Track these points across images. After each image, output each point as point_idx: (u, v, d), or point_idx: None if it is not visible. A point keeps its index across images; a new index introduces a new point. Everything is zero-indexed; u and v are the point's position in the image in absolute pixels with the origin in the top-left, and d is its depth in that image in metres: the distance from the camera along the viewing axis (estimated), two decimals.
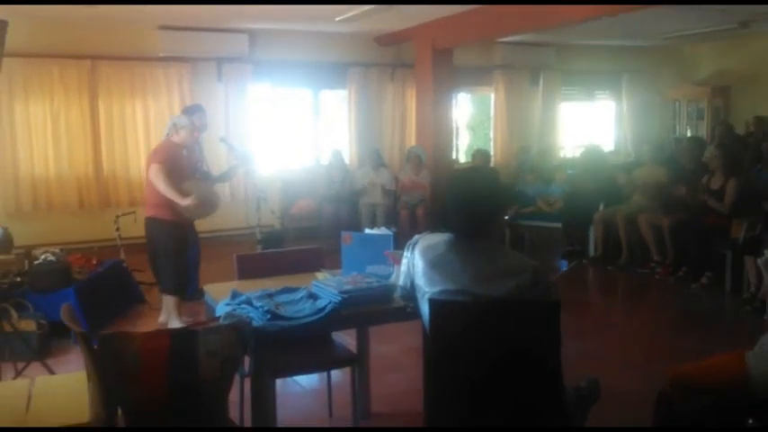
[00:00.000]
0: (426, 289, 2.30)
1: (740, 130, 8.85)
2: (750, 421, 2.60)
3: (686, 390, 2.65)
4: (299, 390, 3.91)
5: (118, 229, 6.16)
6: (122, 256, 6.04)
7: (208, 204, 4.75)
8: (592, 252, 7.18)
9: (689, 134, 10.13)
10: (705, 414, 2.61)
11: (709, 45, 10.21)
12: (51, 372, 3.69)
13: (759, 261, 2.56)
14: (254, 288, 2.81)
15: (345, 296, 2.61)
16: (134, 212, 6.37)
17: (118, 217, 6.21)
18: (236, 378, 2.76)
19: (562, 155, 10.42)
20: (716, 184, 6.02)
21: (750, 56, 9.76)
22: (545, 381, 2.22)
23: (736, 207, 5.79)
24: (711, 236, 5.87)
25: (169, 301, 4.81)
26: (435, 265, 2.30)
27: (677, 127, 10.69)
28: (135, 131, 7.73)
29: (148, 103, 7.75)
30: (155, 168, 4.54)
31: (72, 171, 7.45)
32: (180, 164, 4.74)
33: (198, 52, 7.85)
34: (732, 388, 2.55)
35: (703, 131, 9.93)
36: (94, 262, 5.32)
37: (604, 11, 5.88)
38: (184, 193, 4.56)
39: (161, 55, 7.68)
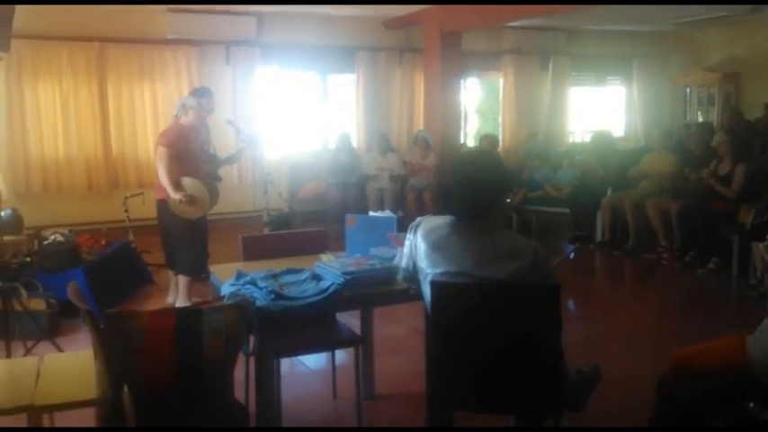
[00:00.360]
0: (428, 271, 2.33)
1: (750, 116, 8.78)
2: (751, 405, 2.61)
3: (687, 373, 2.66)
4: (305, 370, 3.95)
5: (126, 211, 6.21)
6: (131, 237, 6.09)
7: (197, 205, 4.69)
8: (599, 237, 7.18)
9: (699, 120, 10.05)
10: (705, 398, 2.62)
11: (721, 30, 10.09)
12: (60, 350, 3.75)
13: (761, 246, 2.56)
14: (258, 269, 2.84)
15: (348, 277, 2.63)
16: (142, 194, 6.42)
17: (126, 198, 6.26)
18: (242, 358, 2.80)
19: (571, 140, 10.37)
20: (724, 169, 6.00)
21: (762, 42, 9.65)
22: (545, 363, 2.24)
23: (743, 192, 5.77)
24: (719, 221, 5.86)
25: (181, 282, 4.83)
26: (437, 247, 2.32)
27: (688, 113, 10.60)
28: (143, 114, 7.76)
29: (156, 86, 7.77)
30: (160, 151, 4.55)
31: (81, 153, 7.50)
32: (190, 147, 4.74)
33: (206, 35, 7.85)
34: (732, 372, 2.56)
35: (714, 117, 9.85)
36: (103, 243, 5.37)
37: None
38: (180, 187, 4.55)
39: (169, 37, 7.69)
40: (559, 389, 2.27)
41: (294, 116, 9.05)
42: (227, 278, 2.80)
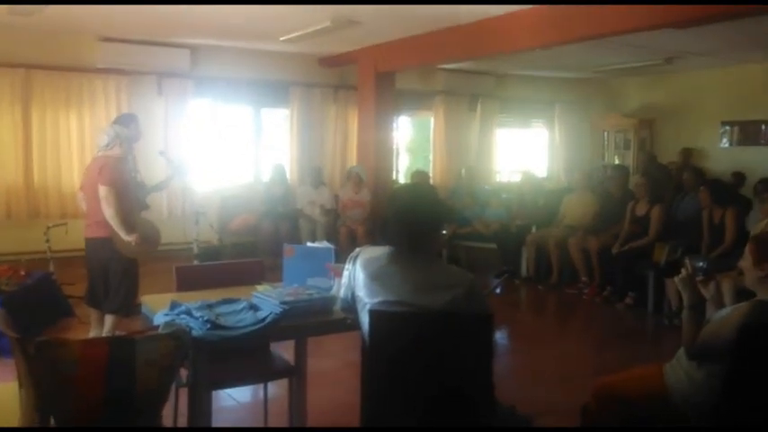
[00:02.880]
0: (367, 300, 2.37)
1: (663, 159, 9.36)
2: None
3: (609, 401, 2.80)
4: (233, 404, 3.89)
5: (48, 241, 5.99)
6: (52, 268, 5.86)
7: (148, 244, 4.65)
8: (524, 272, 7.43)
9: (616, 162, 10.60)
10: (627, 423, 2.76)
11: (637, 79, 10.77)
12: None
13: (676, 279, 2.75)
14: (193, 300, 2.81)
15: (286, 307, 2.64)
16: (65, 224, 6.21)
17: (48, 228, 6.04)
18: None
19: (498, 179, 10.72)
20: (641, 210, 6.35)
21: (673, 91, 10.35)
22: (478, 390, 2.31)
23: (660, 233, 6.13)
24: (635, 259, 6.18)
25: (110, 320, 4.63)
26: (376, 276, 2.37)
27: (606, 155, 11.17)
28: (69, 143, 7.54)
29: (84, 115, 7.58)
30: (105, 191, 4.32)
31: (1, 181, 7.20)
32: (127, 180, 4.60)
33: (138, 65, 7.75)
34: (652, 398, 2.71)
35: (629, 160, 10.42)
36: (23, 273, 5.16)
37: (539, 43, 6.17)
38: (131, 226, 4.43)
39: (99, 66, 7.55)
40: (491, 414, 2.35)
41: (227, 149, 9.00)
42: (160, 308, 2.75)
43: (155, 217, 6.08)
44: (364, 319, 2.38)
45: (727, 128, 9.71)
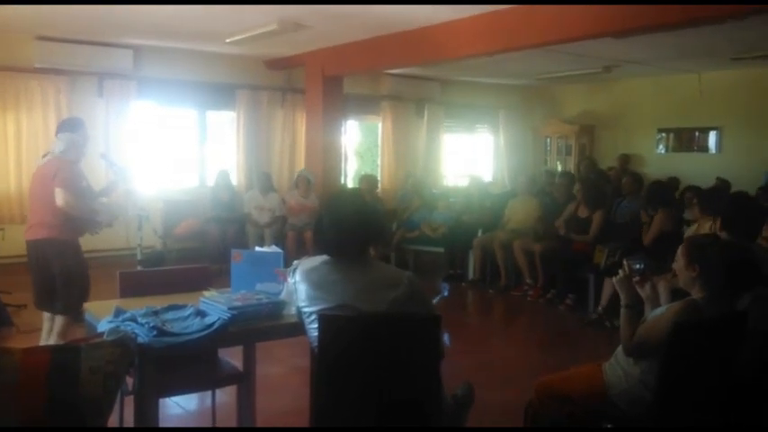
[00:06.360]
0: (312, 309, 2.40)
1: (602, 165, 9.66)
2: (608, 426, 2.88)
3: (551, 398, 2.89)
4: (181, 412, 3.83)
5: None
6: None
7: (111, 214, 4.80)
8: (471, 275, 7.55)
9: (558, 168, 10.88)
10: (568, 420, 2.85)
11: (577, 87, 11.09)
12: None
13: (614, 279, 2.87)
14: (138, 306, 2.76)
15: (235, 312, 2.62)
16: (2, 230, 6.00)
17: None
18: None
19: (445, 183, 10.86)
20: (583, 212, 6.56)
21: (612, 98, 10.71)
22: (427, 390, 2.35)
23: (599, 236, 6.33)
24: (576, 262, 6.36)
25: (61, 322, 4.50)
26: (318, 285, 2.40)
27: (548, 160, 11.47)
28: (5, 146, 7.29)
29: (21, 117, 7.34)
30: (61, 194, 4.27)
31: None
32: (82, 183, 4.53)
33: (78, 65, 7.54)
34: (592, 396, 2.81)
35: (571, 166, 10.72)
36: None
37: (483, 50, 6.29)
38: (94, 211, 4.54)
39: (37, 66, 7.31)
40: (440, 412, 2.39)
41: (171, 152, 8.85)
42: (104, 315, 2.70)
43: None
44: (311, 329, 2.39)
45: (663, 135, 10.11)
